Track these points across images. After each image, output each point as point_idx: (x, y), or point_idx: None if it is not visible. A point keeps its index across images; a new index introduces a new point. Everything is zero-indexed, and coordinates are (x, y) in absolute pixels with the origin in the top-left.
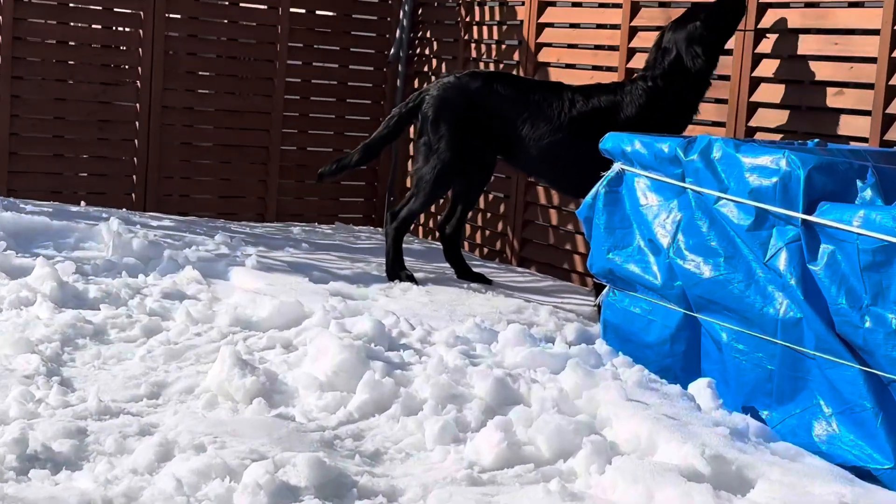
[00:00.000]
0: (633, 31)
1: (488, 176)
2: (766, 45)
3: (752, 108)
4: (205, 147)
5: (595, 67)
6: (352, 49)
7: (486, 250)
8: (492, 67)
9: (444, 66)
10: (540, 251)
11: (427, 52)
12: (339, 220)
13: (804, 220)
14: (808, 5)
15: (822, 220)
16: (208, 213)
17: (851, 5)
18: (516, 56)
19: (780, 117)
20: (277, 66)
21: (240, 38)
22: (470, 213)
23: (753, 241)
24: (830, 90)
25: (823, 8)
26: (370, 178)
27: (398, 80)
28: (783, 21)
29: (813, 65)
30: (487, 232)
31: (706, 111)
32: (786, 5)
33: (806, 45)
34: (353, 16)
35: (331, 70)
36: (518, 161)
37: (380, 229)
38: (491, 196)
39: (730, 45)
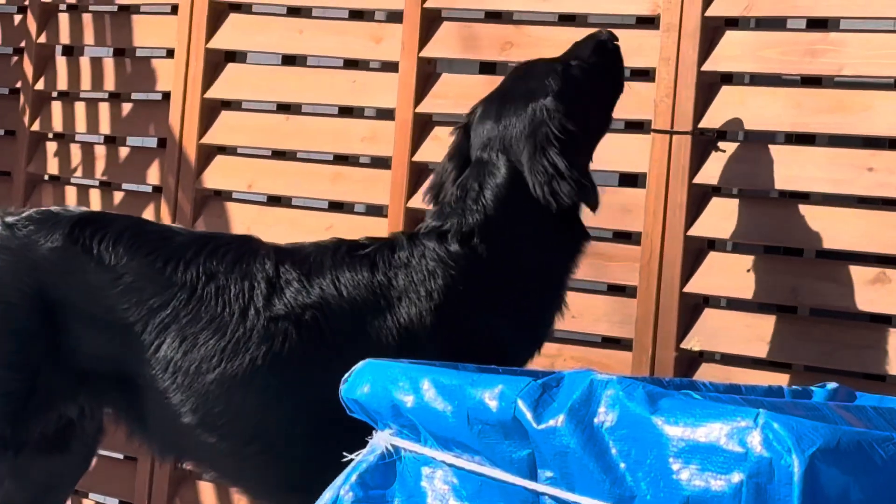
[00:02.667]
0: (422, 125)
1: (84, 458)
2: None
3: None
4: None
5: (335, 205)
6: None
7: None
8: (92, 201)
9: None
10: None
11: None
12: None
13: None
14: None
15: None
16: None
17: None
18: (154, 173)
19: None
20: None
21: None
22: None
23: None
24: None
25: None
26: None
27: None
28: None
29: None
30: None
31: None
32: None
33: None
34: None
35: None
36: (150, 423)
37: None
38: None
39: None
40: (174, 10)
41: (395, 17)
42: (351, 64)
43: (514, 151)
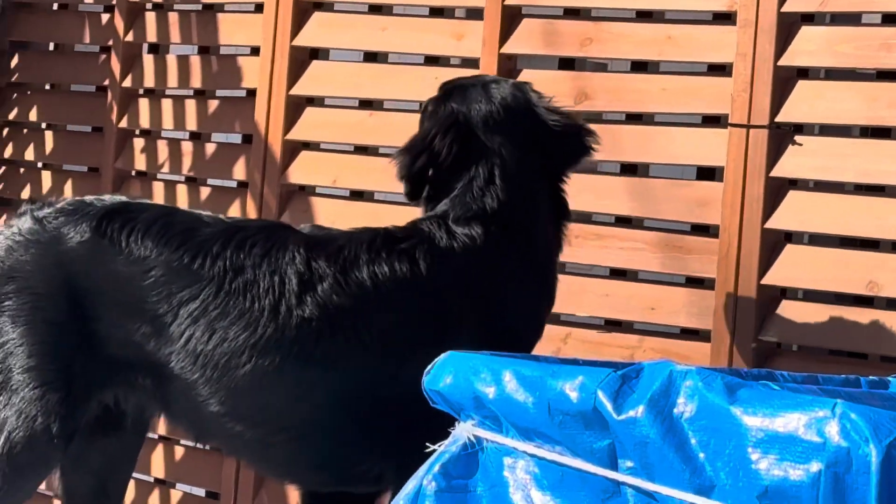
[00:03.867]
0: None
1: (138, 435)
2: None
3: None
4: None
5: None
6: None
7: None
8: (179, 197)
9: (70, 185)
10: None
11: (31, 152)
12: None
13: None
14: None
15: None
16: None
17: None
18: (240, 169)
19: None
20: None
21: None
22: None
23: None
24: None
25: None
26: None
27: None
28: None
29: None
30: None
31: None
32: None
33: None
34: None
35: None
36: (176, 409)
37: None
38: (176, 495)
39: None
40: (259, 8)
41: (475, 14)
42: (432, 60)
43: (521, 123)
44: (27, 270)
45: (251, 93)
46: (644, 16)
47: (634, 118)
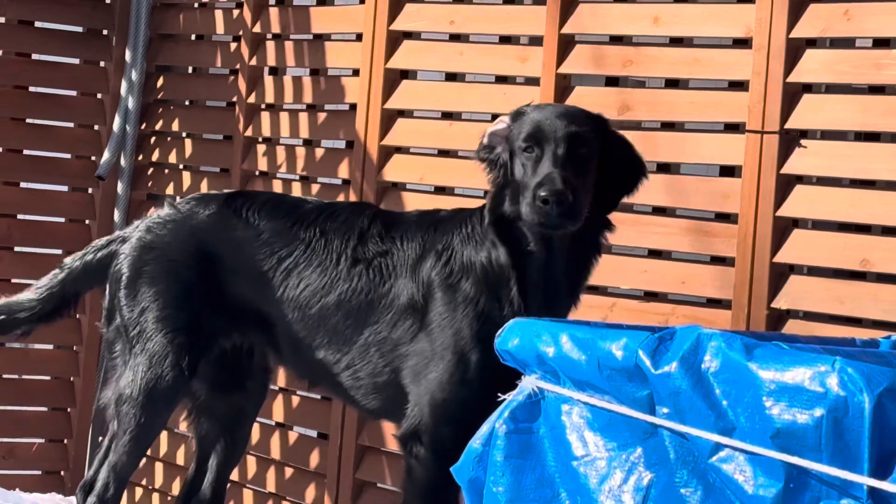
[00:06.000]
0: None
1: (259, 392)
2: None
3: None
4: None
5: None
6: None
7: None
8: (294, 192)
9: (206, 183)
10: None
11: (174, 156)
12: None
13: (873, 490)
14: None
15: None
16: None
17: None
18: (344, 169)
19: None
20: None
21: None
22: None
23: None
24: None
25: None
26: (59, 398)
27: (116, 213)
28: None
29: None
30: None
31: None
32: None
33: None
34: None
35: None
36: (283, 351)
37: (72, 500)
38: (293, 436)
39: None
40: (359, 37)
41: (536, 41)
42: (501, 79)
43: None
44: (165, 242)
45: (352, 107)
46: (676, 41)
47: (668, 126)
